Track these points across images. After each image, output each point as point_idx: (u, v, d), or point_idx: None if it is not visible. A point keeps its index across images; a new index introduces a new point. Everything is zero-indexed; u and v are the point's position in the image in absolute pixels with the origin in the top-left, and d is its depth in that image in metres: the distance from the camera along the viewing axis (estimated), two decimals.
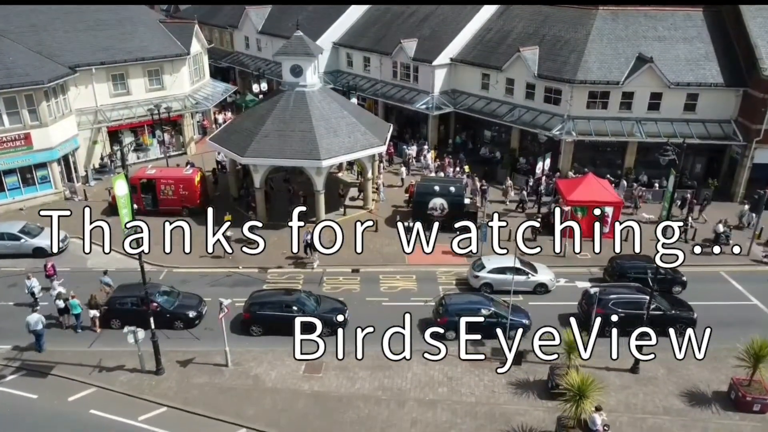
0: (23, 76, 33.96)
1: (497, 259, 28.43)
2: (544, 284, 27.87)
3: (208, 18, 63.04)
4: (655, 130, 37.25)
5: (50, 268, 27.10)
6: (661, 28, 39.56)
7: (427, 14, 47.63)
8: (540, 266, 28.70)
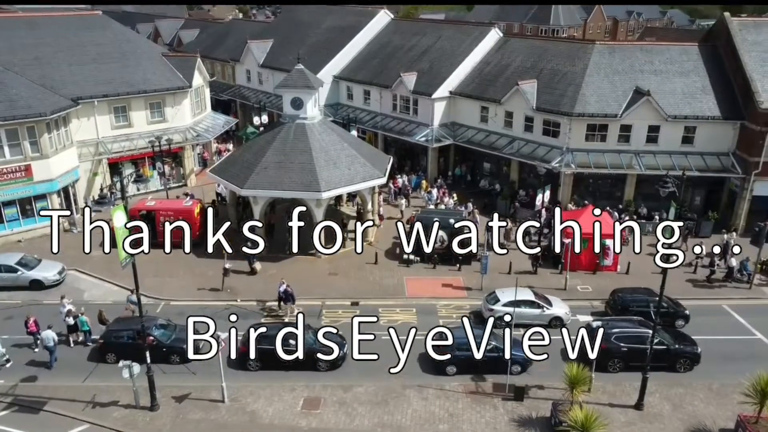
0: (26, 108, 34.19)
1: (512, 292, 27.53)
2: (560, 318, 27.45)
3: (211, 52, 63.90)
4: (654, 162, 37.39)
5: (32, 324, 24.99)
6: (657, 62, 40.05)
7: (427, 48, 48.29)
8: (555, 299, 28.39)
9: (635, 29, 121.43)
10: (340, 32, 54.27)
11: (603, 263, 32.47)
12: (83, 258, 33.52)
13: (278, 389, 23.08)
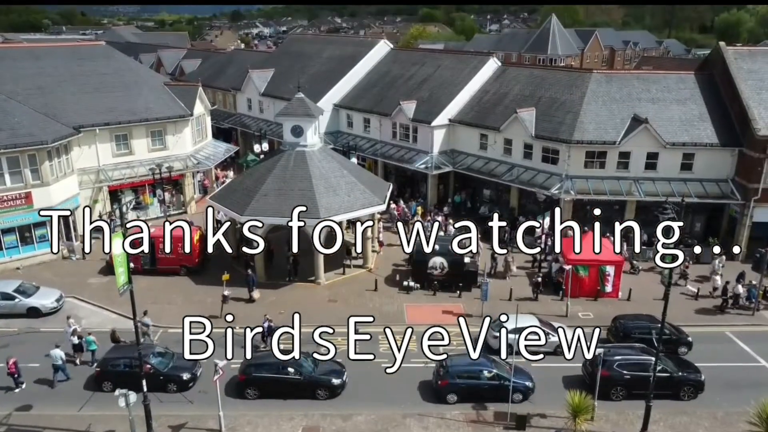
0: (27, 137, 34.42)
1: (517, 319, 27.66)
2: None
3: (212, 81, 64.64)
4: (654, 189, 37.49)
5: (11, 365, 23.97)
6: (654, 90, 40.47)
7: (426, 77, 48.85)
8: (560, 326, 28.16)
9: (632, 58, 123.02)
10: (340, 62, 54.98)
11: (604, 290, 32.30)
12: (82, 285, 33.43)
13: (276, 418, 22.74)
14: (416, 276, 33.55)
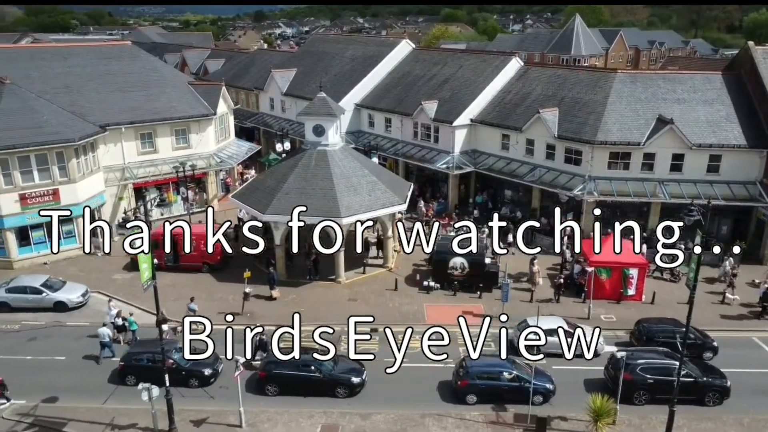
0: (55, 135, 35.10)
1: (542, 320, 27.29)
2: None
3: (235, 81, 65.23)
4: (679, 191, 36.90)
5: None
6: (680, 91, 39.85)
7: (448, 77, 48.71)
8: (587, 329, 27.84)
9: (657, 58, 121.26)
10: (362, 62, 55.09)
11: (626, 293, 31.89)
12: (107, 281, 34.01)
13: (296, 415, 22.86)
14: (436, 276, 33.48)
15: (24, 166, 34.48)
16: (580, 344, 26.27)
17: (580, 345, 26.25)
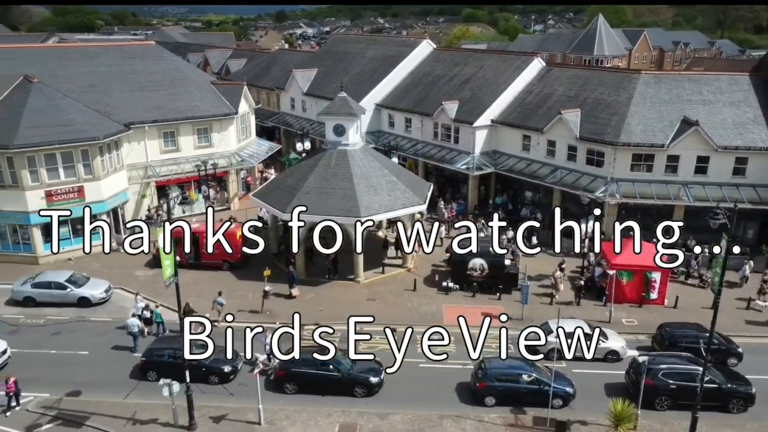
0: (80, 133, 35.67)
1: (565, 323, 27.01)
2: (616, 352, 26.69)
3: (257, 80, 65.70)
4: (703, 193, 36.33)
5: (11, 384, 22.92)
6: (706, 92, 39.23)
7: (468, 77, 48.53)
8: (610, 332, 27.64)
9: (682, 59, 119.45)
10: (383, 62, 55.12)
11: (649, 296, 31.48)
12: (129, 277, 34.49)
13: (314, 414, 22.95)
14: (455, 277, 33.38)
15: (50, 163, 35.09)
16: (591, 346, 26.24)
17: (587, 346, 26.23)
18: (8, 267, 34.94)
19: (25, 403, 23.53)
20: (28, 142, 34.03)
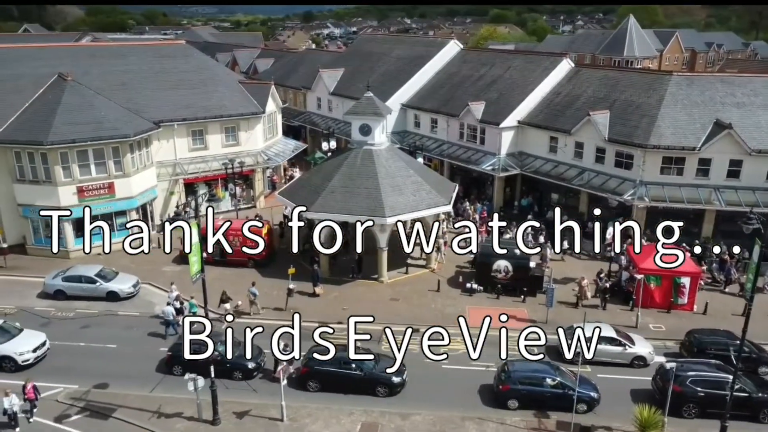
0: (112, 130, 36.36)
1: (591, 327, 26.79)
2: (643, 357, 26.30)
3: (284, 80, 66.21)
4: (736, 198, 35.53)
5: (30, 390, 22.24)
6: (739, 95, 38.36)
7: (495, 78, 48.22)
8: (637, 338, 27.24)
9: (715, 61, 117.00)
10: (410, 62, 55.07)
11: (677, 302, 30.89)
12: (157, 273, 35.03)
13: (336, 412, 23.04)
14: (480, 278, 33.19)
15: (82, 160, 35.84)
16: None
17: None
18: (40, 261, 35.79)
19: (55, 394, 24.07)
20: (62, 139, 34.82)
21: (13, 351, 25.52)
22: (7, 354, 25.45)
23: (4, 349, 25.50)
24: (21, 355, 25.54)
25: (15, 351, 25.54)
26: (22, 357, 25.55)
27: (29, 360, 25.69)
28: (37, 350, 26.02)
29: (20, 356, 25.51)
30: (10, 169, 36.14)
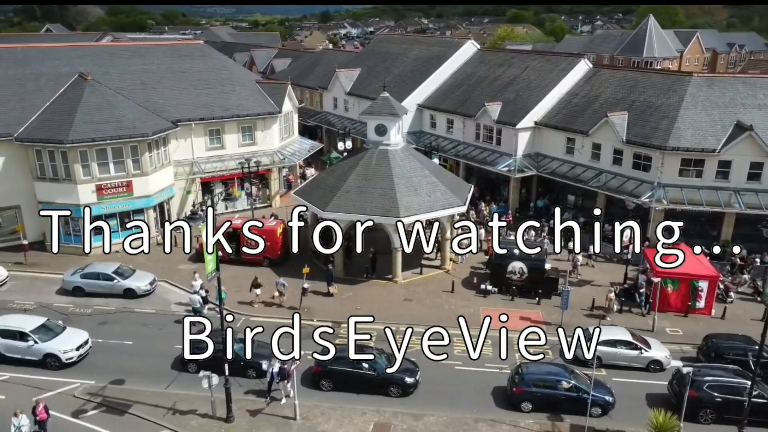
0: (131, 129, 36.79)
1: (607, 331, 26.74)
2: (659, 361, 26.07)
3: (301, 80, 66.50)
4: (756, 201, 34.98)
5: (42, 411, 21.39)
6: (761, 96, 37.76)
7: (512, 78, 47.99)
8: (654, 341, 27.01)
9: (737, 62, 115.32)
10: (426, 62, 55.01)
11: (695, 306, 30.50)
12: (172, 270, 35.37)
13: (349, 411, 23.09)
14: (494, 280, 33.06)
15: (101, 158, 36.31)
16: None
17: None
18: (60, 258, 36.31)
19: (72, 390, 24.45)
20: (82, 138, 35.29)
21: (57, 349, 25.80)
22: (52, 352, 25.74)
23: (48, 347, 25.78)
24: (65, 353, 25.84)
25: (59, 349, 25.82)
26: (66, 355, 25.86)
27: (72, 358, 26.00)
28: (80, 348, 26.33)
29: (64, 354, 25.81)
30: (31, 168, 36.74)
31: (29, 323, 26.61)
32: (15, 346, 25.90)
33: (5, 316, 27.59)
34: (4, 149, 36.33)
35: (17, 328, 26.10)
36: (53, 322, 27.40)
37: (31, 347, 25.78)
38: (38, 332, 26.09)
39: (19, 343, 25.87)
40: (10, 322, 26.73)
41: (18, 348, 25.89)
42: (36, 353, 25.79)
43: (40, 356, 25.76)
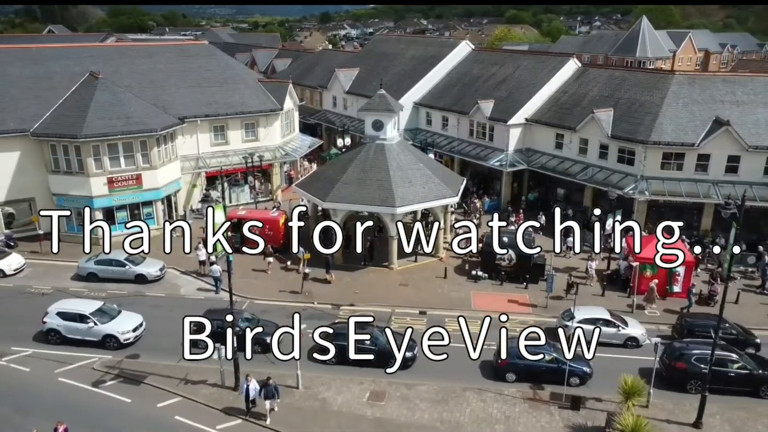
0: (140, 125, 38.74)
1: (587, 310, 28.71)
2: (635, 338, 27.95)
3: (301, 79, 68.44)
4: (734, 192, 36.83)
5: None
6: (740, 93, 39.75)
7: (505, 77, 49.94)
8: (631, 320, 28.94)
9: (729, 62, 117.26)
10: (423, 62, 56.96)
11: (672, 290, 32.43)
12: (181, 257, 37.26)
13: (348, 382, 25.04)
14: (485, 266, 34.97)
15: (112, 152, 38.23)
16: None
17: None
18: (73, 247, 38.16)
19: (91, 363, 26.38)
20: (94, 133, 37.22)
21: (116, 330, 27.46)
22: (111, 333, 27.41)
23: (108, 328, 27.44)
24: (123, 334, 27.50)
25: (118, 330, 27.48)
26: (124, 336, 27.52)
27: (129, 339, 27.63)
28: (136, 330, 28.08)
29: (122, 335, 27.47)
30: (46, 161, 38.69)
31: (87, 306, 28.27)
32: (76, 327, 27.55)
33: (62, 301, 29.17)
34: (20, 144, 38.30)
35: (77, 311, 27.81)
36: (109, 305, 29.01)
37: (92, 329, 27.46)
38: (96, 315, 27.79)
39: (79, 324, 27.51)
40: (68, 305, 28.36)
41: (78, 329, 27.54)
42: (96, 334, 27.48)
43: (99, 337, 27.44)
